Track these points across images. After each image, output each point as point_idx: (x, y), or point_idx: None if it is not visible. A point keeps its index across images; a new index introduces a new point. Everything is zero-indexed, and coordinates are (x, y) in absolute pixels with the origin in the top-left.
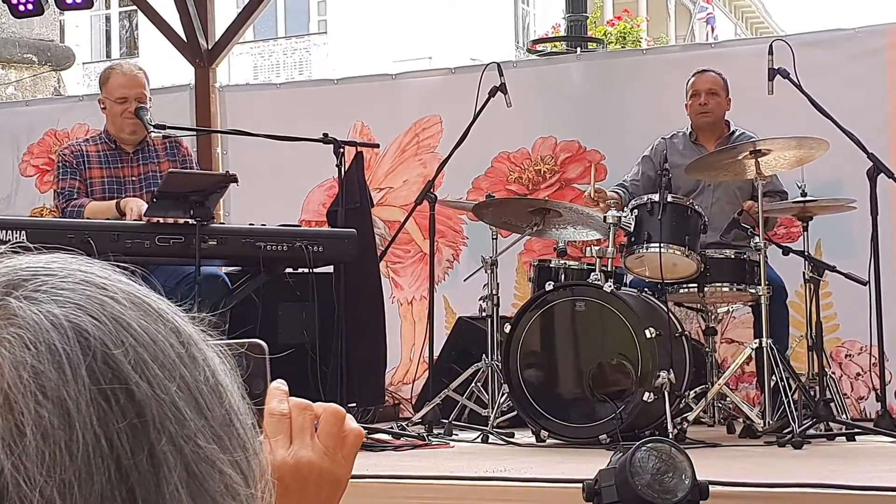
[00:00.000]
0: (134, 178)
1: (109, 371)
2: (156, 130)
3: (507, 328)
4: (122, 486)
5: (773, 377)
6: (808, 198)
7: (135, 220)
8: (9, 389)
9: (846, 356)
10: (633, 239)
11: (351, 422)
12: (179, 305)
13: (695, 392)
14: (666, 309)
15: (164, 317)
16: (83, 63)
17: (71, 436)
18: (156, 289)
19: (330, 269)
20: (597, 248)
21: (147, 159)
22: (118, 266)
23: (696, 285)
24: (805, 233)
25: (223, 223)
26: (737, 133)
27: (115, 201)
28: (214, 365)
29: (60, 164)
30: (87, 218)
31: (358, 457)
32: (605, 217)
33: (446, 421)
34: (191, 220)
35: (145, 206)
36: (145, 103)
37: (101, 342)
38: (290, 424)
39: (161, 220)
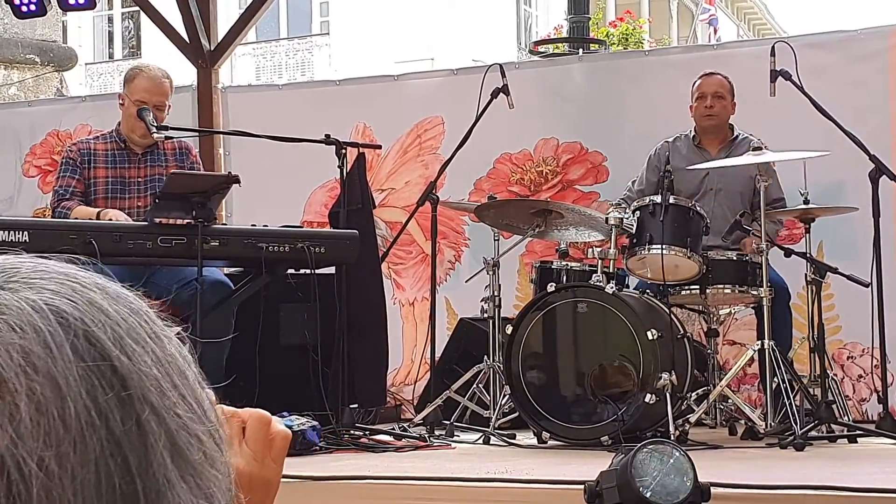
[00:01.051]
0: (140, 180)
1: (92, 348)
2: (157, 132)
3: (509, 329)
4: (116, 455)
5: (775, 379)
6: (810, 205)
7: None
8: (1, 369)
9: (848, 358)
10: (634, 240)
11: (278, 424)
12: (182, 308)
13: (696, 394)
14: (668, 310)
15: (127, 299)
16: (86, 64)
17: (63, 408)
18: (112, 280)
19: (332, 270)
20: (599, 249)
21: (154, 162)
22: (73, 260)
23: (697, 287)
24: (807, 234)
25: (225, 224)
26: (739, 137)
27: (97, 210)
28: (176, 343)
29: (63, 161)
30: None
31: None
32: (606, 218)
33: (448, 422)
34: (193, 221)
35: (126, 218)
36: (163, 111)
37: (80, 321)
38: None
39: (163, 221)
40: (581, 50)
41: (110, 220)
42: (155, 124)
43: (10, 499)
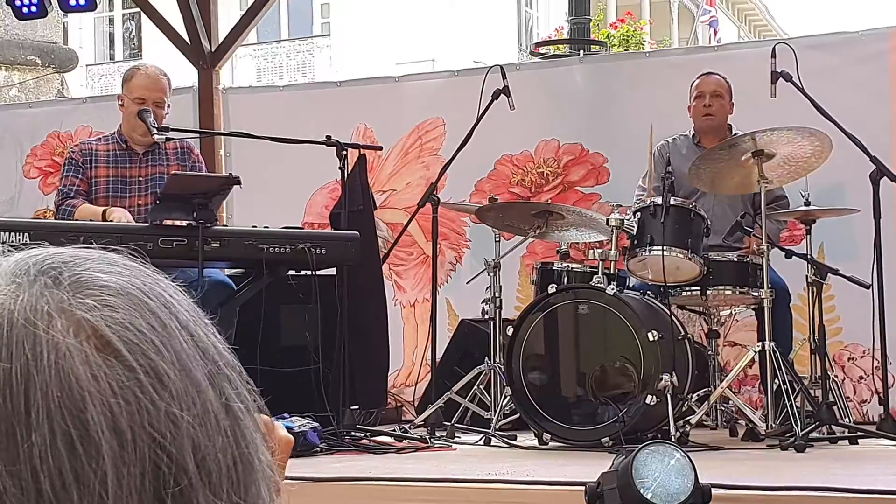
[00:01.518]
0: (141, 179)
1: (185, 329)
2: (158, 133)
3: (510, 331)
4: (230, 427)
5: (776, 380)
6: (811, 207)
7: None
8: (136, 345)
9: (849, 359)
10: (635, 242)
11: (280, 430)
12: None
13: (697, 395)
14: (668, 312)
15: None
16: (86, 65)
17: (192, 381)
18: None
19: (333, 271)
20: (599, 250)
21: (156, 161)
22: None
23: (698, 288)
24: (808, 236)
25: (226, 225)
26: (738, 136)
27: (103, 209)
28: (217, 336)
29: (66, 161)
30: (78, 219)
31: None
32: (608, 220)
33: (448, 423)
34: (194, 223)
35: (129, 216)
36: (163, 108)
37: (168, 303)
38: None
39: (164, 223)
40: (582, 51)
41: (115, 219)
42: (156, 125)
43: (168, 462)
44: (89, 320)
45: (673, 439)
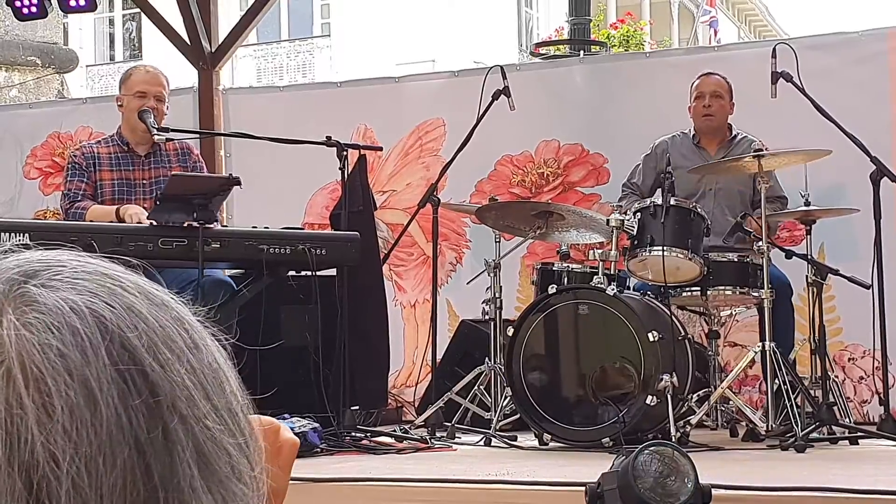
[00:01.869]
0: (144, 182)
1: (126, 353)
2: (159, 134)
3: (510, 331)
4: (140, 463)
5: (776, 381)
6: (811, 207)
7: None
8: (38, 371)
9: (849, 360)
10: (635, 242)
11: (286, 432)
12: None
13: (698, 395)
14: (669, 312)
15: (170, 306)
16: (86, 66)
17: (95, 413)
18: (159, 284)
19: (333, 272)
20: (600, 251)
21: (158, 163)
22: (123, 261)
23: (698, 288)
24: (808, 236)
25: (226, 226)
26: (738, 137)
27: (115, 207)
28: (215, 353)
29: (70, 166)
30: (90, 221)
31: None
32: (608, 220)
33: (449, 424)
34: (194, 223)
35: (144, 213)
36: (163, 102)
37: (117, 326)
38: None
39: (165, 223)
40: (582, 52)
41: (131, 214)
42: (156, 126)
43: (39, 499)
44: (2, 338)
45: (673, 440)
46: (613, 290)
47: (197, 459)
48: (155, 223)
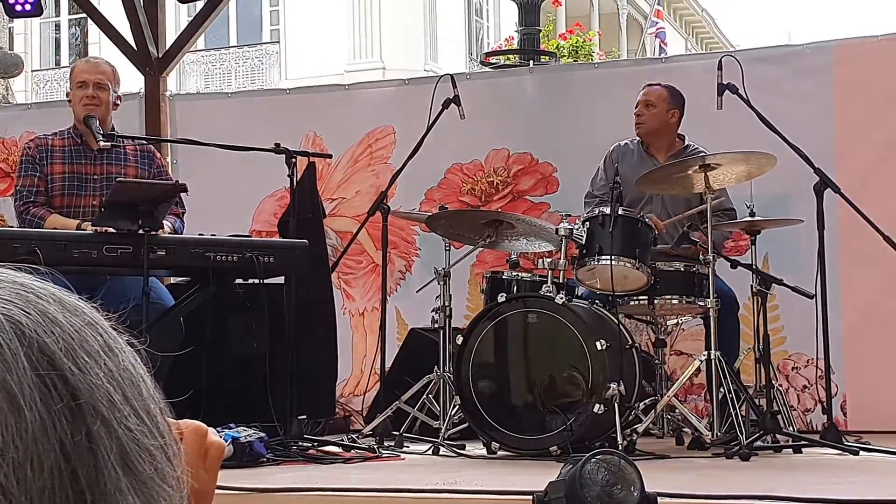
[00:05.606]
0: (96, 178)
1: (45, 358)
2: (104, 140)
3: (460, 340)
4: (67, 467)
5: (721, 389)
6: (756, 217)
7: None
8: None
9: (793, 369)
10: (584, 251)
11: (213, 435)
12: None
13: (644, 404)
14: (616, 321)
15: (83, 311)
16: (32, 71)
17: (20, 419)
18: (68, 290)
19: (281, 280)
20: (549, 260)
21: (111, 160)
22: (30, 269)
23: (646, 297)
24: (753, 246)
25: (172, 233)
26: (690, 147)
27: (76, 222)
28: (130, 357)
29: (22, 159)
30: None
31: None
32: (557, 229)
33: (397, 433)
34: (139, 230)
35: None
36: (107, 91)
37: (34, 332)
38: None
39: (108, 230)
40: (532, 62)
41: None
42: (101, 132)
43: None
44: None
45: (620, 448)
46: (562, 298)
47: (121, 461)
48: (98, 230)
